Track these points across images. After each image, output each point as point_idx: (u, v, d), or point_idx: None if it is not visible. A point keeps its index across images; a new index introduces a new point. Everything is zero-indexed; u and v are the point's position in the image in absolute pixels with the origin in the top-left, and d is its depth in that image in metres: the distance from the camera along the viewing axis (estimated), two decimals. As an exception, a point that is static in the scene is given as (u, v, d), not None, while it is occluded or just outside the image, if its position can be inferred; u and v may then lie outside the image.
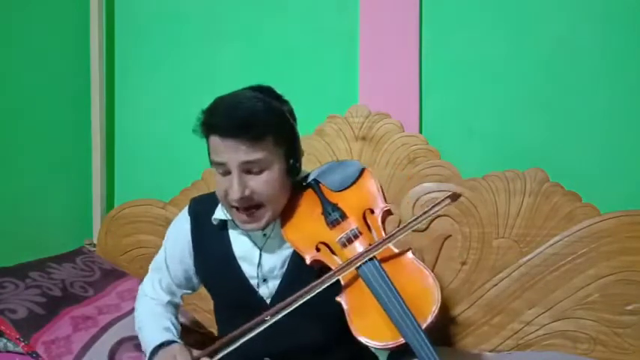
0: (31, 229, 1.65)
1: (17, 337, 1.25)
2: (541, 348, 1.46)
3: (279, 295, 1.08)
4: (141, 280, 1.33)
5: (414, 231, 1.36)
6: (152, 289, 1.26)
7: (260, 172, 1.03)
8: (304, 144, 1.19)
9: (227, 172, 1.03)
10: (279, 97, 1.11)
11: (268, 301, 1.12)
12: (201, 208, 1.21)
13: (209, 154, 1.08)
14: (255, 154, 1.01)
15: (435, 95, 1.63)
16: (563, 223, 1.47)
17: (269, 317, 1.01)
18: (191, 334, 1.47)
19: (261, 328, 1.00)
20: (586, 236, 1.44)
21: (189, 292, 1.28)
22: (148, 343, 1.15)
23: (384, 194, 1.13)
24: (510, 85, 1.58)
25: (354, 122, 1.64)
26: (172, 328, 1.18)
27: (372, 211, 1.10)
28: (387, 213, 1.12)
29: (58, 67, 1.76)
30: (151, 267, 1.29)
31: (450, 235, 1.54)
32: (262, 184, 1.03)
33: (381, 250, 1.02)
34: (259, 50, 1.77)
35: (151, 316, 1.22)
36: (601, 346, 1.43)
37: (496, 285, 1.50)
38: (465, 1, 1.61)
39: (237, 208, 1.05)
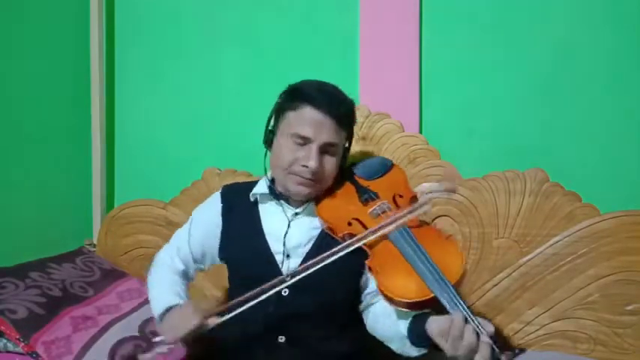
0: (31, 229, 1.65)
1: (17, 337, 1.26)
2: (541, 348, 1.46)
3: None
4: (141, 280, 1.33)
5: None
6: (169, 256, 1.31)
7: (331, 154, 1.18)
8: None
9: (303, 144, 1.15)
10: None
11: (288, 278, 1.13)
12: (232, 190, 1.31)
13: (280, 123, 1.19)
14: (337, 138, 1.17)
15: (435, 95, 1.63)
16: (563, 223, 1.47)
17: (289, 277, 1.08)
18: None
19: (279, 288, 1.07)
20: (586, 236, 1.44)
21: (201, 267, 1.33)
22: (158, 302, 1.20)
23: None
24: (510, 85, 1.58)
25: (354, 122, 1.64)
26: (183, 295, 1.23)
27: (401, 196, 1.23)
28: (415, 199, 1.23)
29: (58, 67, 1.76)
30: (173, 236, 1.34)
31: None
32: (330, 165, 1.18)
33: (410, 217, 1.12)
34: (259, 50, 1.77)
35: (164, 279, 1.27)
36: (601, 346, 1.43)
37: (496, 285, 1.50)
38: (464, 1, 1.61)
39: (300, 176, 1.15)
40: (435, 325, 0.96)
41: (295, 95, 1.17)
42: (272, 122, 1.24)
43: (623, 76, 1.51)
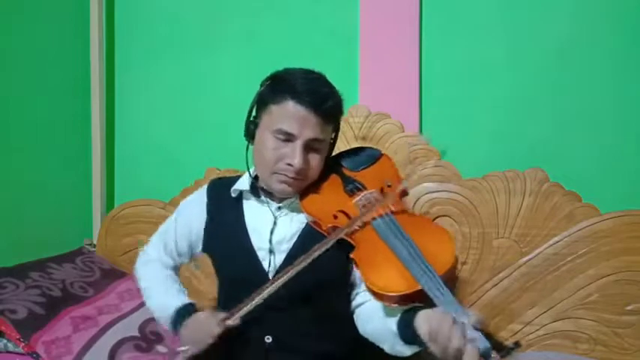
0: (31, 229, 1.65)
1: (17, 337, 1.26)
2: (541, 348, 1.46)
3: (282, 269, 1.08)
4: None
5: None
6: (156, 252, 1.30)
7: (316, 150, 1.12)
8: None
9: (287, 141, 1.09)
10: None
11: (271, 275, 1.12)
12: (219, 184, 1.27)
13: (262, 117, 1.12)
14: (322, 134, 1.11)
15: (435, 95, 1.63)
16: (563, 223, 1.47)
17: (278, 280, 1.05)
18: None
19: (270, 289, 1.04)
20: (586, 236, 1.44)
21: (184, 261, 1.32)
22: (165, 306, 1.20)
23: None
24: (510, 85, 1.58)
25: (354, 122, 1.64)
26: (183, 290, 1.25)
27: (390, 185, 1.17)
28: (404, 192, 1.19)
29: (58, 67, 1.76)
30: (157, 232, 1.33)
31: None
32: (316, 161, 1.13)
33: (392, 201, 1.08)
34: (259, 50, 1.77)
35: (162, 279, 1.27)
36: (601, 346, 1.43)
37: (496, 285, 1.50)
38: (464, 1, 1.61)
39: (284, 175, 1.11)
40: (423, 323, 0.93)
41: (278, 88, 1.10)
42: (254, 112, 1.17)
43: (623, 76, 1.51)
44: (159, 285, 1.27)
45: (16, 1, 1.59)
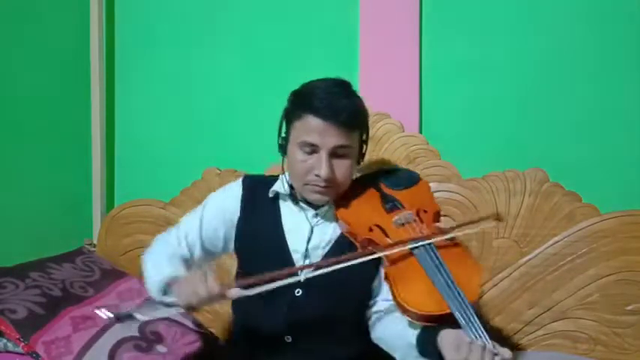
0: (31, 229, 1.65)
1: (17, 337, 1.25)
2: (541, 348, 1.46)
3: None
4: (141, 280, 1.33)
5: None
6: (176, 238, 1.24)
7: (343, 157, 1.14)
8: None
9: (313, 152, 1.12)
10: (357, 94, 1.20)
11: (302, 278, 1.12)
12: (254, 181, 1.28)
13: (290, 132, 1.16)
14: (347, 140, 1.13)
15: (435, 95, 1.63)
16: (563, 223, 1.47)
17: (301, 272, 1.07)
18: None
19: (289, 281, 1.04)
20: (586, 236, 1.45)
21: (208, 257, 1.26)
22: (161, 273, 1.12)
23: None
24: (510, 85, 1.58)
25: (354, 122, 1.64)
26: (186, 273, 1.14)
27: (425, 211, 1.21)
28: (438, 215, 1.23)
29: (58, 67, 1.76)
30: (179, 223, 1.28)
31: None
32: (344, 168, 1.15)
33: (436, 239, 1.10)
34: (259, 50, 1.77)
35: (168, 254, 1.20)
36: (601, 346, 1.43)
37: (496, 285, 1.50)
38: (464, 1, 1.61)
39: (315, 185, 1.13)
40: (447, 339, 0.95)
41: (298, 104, 1.15)
42: (284, 128, 1.20)
43: (623, 76, 1.51)
44: (162, 256, 1.19)
45: (16, 1, 1.59)
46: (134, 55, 1.89)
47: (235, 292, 1.00)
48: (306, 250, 1.17)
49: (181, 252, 1.23)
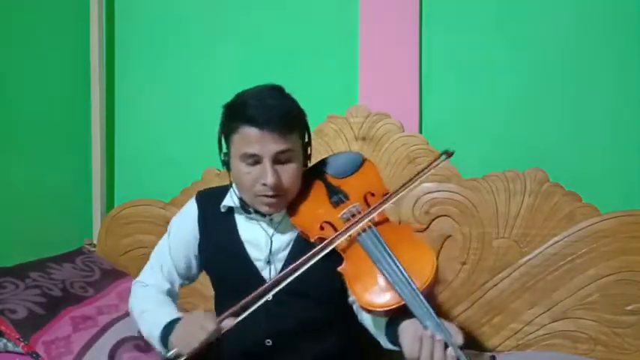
0: (31, 229, 1.65)
1: (17, 337, 1.26)
2: (541, 348, 1.46)
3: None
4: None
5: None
6: (152, 276, 1.27)
7: (287, 162, 1.12)
8: (304, 144, 1.20)
9: (256, 163, 1.11)
10: (291, 96, 1.19)
11: (269, 297, 1.12)
12: (207, 197, 1.27)
13: (230, 147, 1.14)
14: (288, 144, 1.10)
15: (435, 95, 1.63)
16: (563, 223, 1.47)
17: (271, 285, 1.07)
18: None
19: (263, 300, 1.06)
20: (586, 236, 1.44)
21: (186, 282, 1.31)
22: (158, 322, 1.14)
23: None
24: (510, 85, 1.58)
25: (354, 122, 1.64)
26: (177, 311, 1.19)
27: (373, 194, 1.19)
28: (387, 195, 1.19)
29: (58, 67, 1.76)
30: (151, 257, 1.31)
31: (450, 235, 1.54)
32: (290, 173, 1.13)
33: (376, 214, 1.11)
34: (259, 50, 1.77)
35: (156, 301, 1.23)
36: (601, 346, 1.43)
37: (496, 285, 1.50)
38: (464, 1, 1.61)
39: (264, 196, 1.11)
40: (406, 332, 0.97)
41: (232, 116, 1.13)
42: (224, 143, 1.19)
43: (623, 76, 1.51)
44: (152, 305, 1.22)
45: (16, 1, 1.59)
46: (134, 55, 1.89)
47: (229, 323, 1.05)
48: (269, 256, 1.18)
49: (162, 286, 1.26)
